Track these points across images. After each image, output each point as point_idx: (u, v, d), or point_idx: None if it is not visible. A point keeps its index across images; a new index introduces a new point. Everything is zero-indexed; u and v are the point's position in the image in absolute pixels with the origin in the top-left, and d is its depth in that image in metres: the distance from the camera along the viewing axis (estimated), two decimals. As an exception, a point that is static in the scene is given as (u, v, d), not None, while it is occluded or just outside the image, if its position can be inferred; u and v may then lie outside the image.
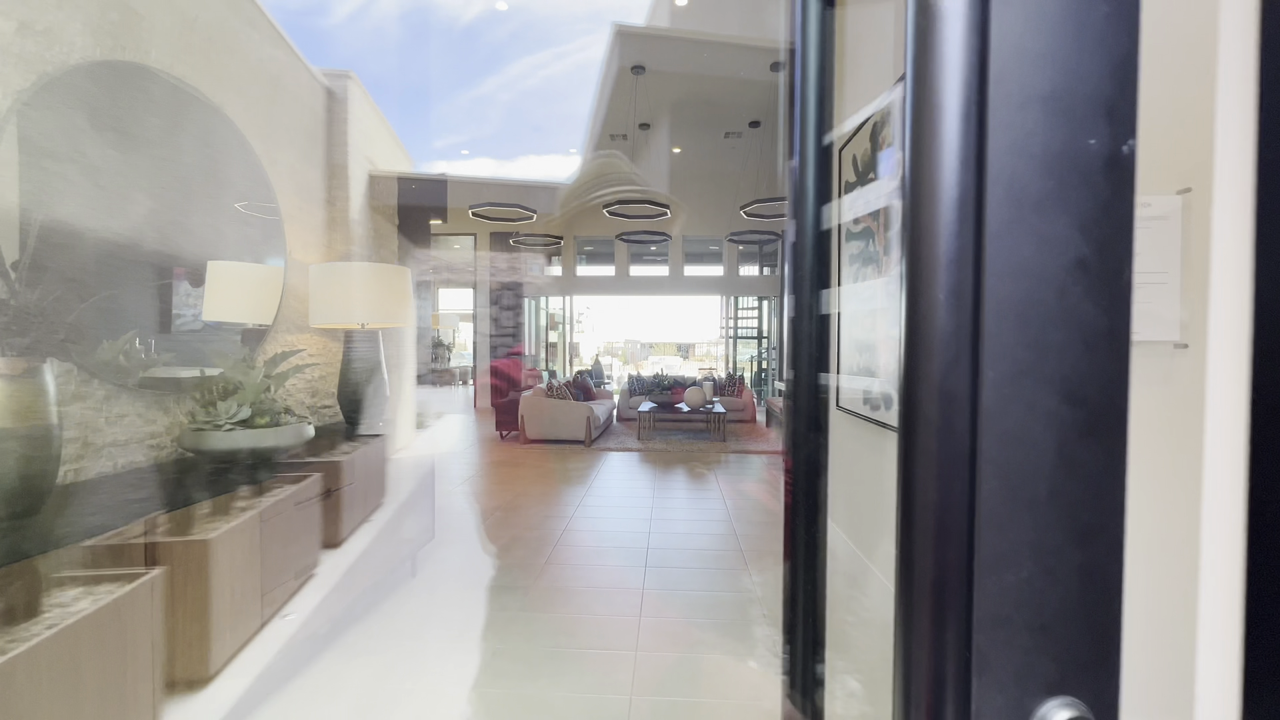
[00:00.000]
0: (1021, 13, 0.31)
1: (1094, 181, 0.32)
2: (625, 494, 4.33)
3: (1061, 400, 0.33)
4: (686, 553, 3.12)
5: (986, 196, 0.32)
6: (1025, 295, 0.32)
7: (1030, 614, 0.32)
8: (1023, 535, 0.32)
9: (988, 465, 0.32)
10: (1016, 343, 0.32)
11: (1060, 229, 0.32)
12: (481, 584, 2.67)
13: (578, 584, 2.68)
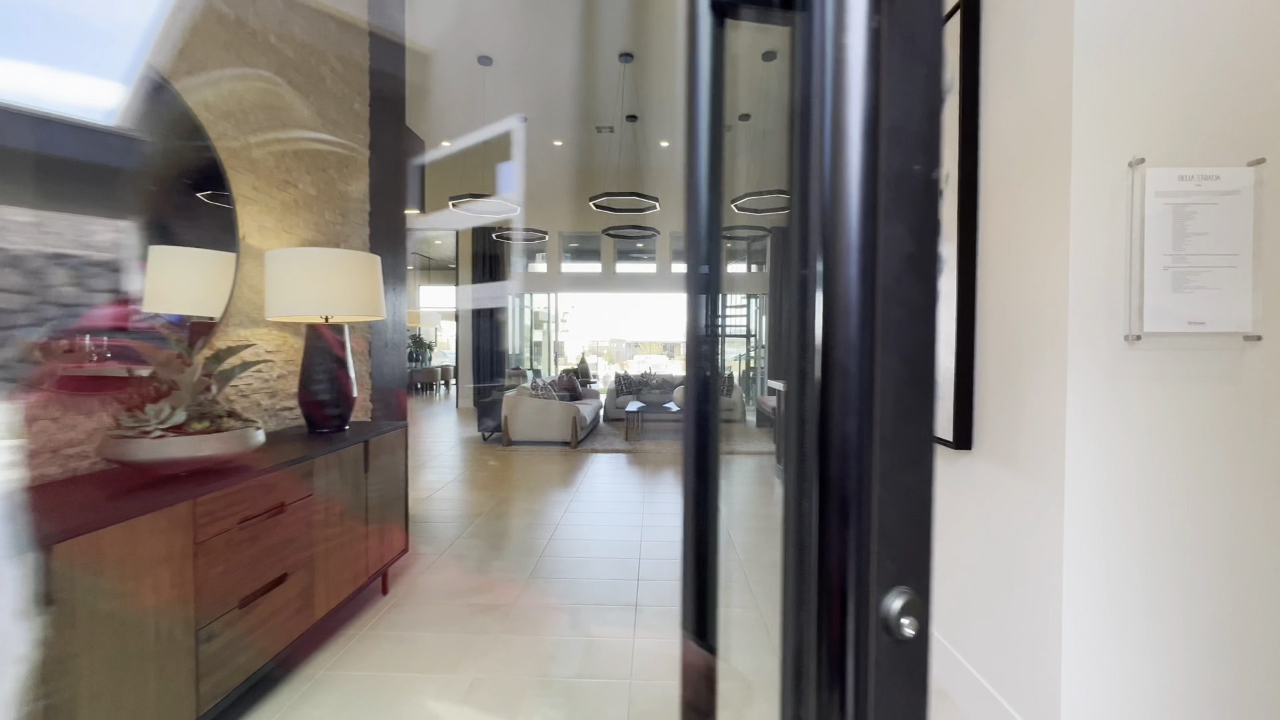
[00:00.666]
0: (876, 64, 0.39)
1: (918, 197, 0.41)
2: (614, 499, 4.12)
3: (899, 360, 0.41)
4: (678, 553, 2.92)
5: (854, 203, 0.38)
6: (879, 280, 0.39)
7: (880, 526, 0.41)
8: (876, 464, 0.40)
9: (857, 409, 0.39)
10: (876, 315, 0.39)
11: (898, 231, 0.41)
12: (459, 602, 2.44)
13: (565, 600, 2.47)
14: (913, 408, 0.42)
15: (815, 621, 0.40)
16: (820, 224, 0.39)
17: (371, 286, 2.36)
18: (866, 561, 0.39)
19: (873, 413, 0.39)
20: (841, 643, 0.39)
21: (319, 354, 2.28)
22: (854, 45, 0.38)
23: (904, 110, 0.41)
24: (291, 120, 2.50)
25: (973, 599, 1.72)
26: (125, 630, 1.24)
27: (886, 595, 0.41)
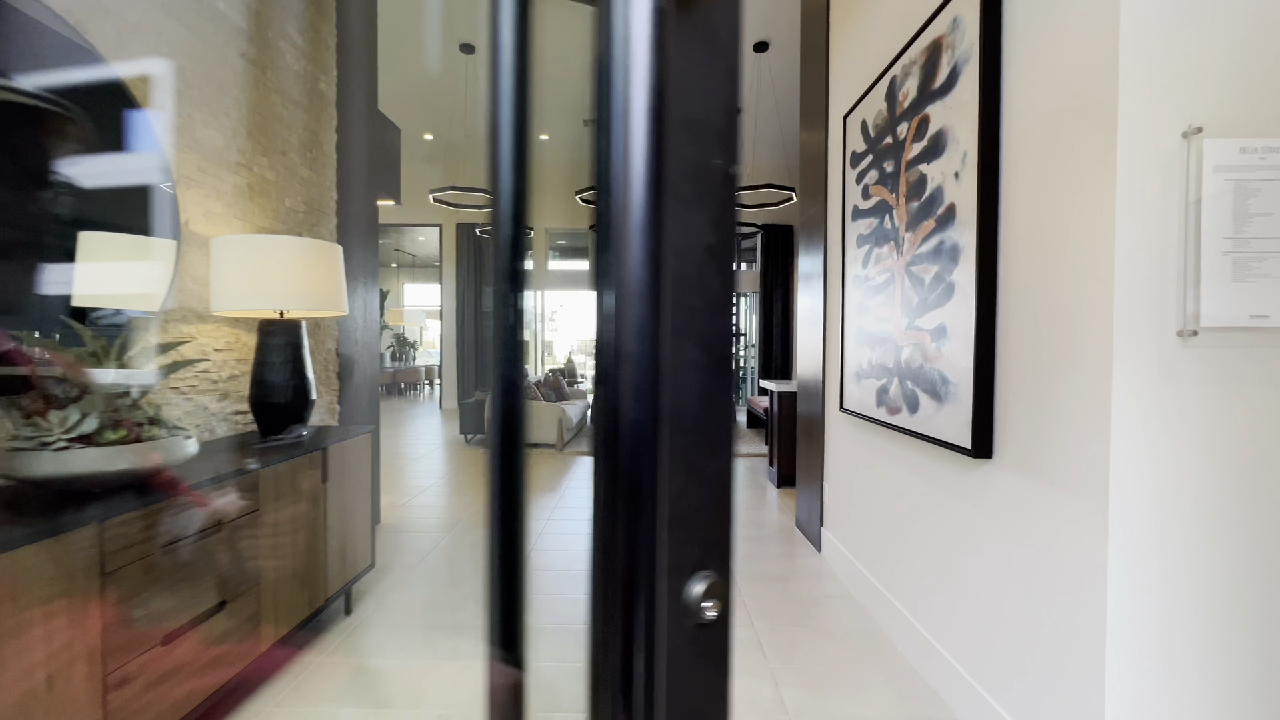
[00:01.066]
0: (675, 55, 0.39)
1: (717, 190, 0.42)
2: (600, 505, 3.93)
3: (699, 348, 0.41)
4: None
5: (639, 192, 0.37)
6: (679, 270, 0.40)
7: (682, 512, 0.41)
8: (681, 453, 0.41)
9: (662, 400, 0.37)
10: (678, 305, 0.40)
11: (699, 222, 0.41)
12: (429, 624, 2.24)
13: (543, 620, 2.28)
14: (713, 396, 0.43)
15: (614, 612, 0.38)
16: (609, 214, 0.38)
17: (332, 279, 2.15)
18: (660, 548, 0.38)
19: (659, 401, 0.37)
20: (633, 630, 0.37)
21: (273, 352, 2.07)
22: (639, 31, 0.37)
23: (704, 105, 0.42)
24: (244, 98, 2.28)
25: (990, 621, 1.55)
26: (2, 683, 1.03)
27: (689, 580, 0.41)
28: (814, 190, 3.17)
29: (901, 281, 2.00)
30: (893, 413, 2.06)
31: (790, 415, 4.35)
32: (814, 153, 3.15)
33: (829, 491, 2.94)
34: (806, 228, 3.32)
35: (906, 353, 1.95)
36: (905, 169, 1.98)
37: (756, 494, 4.27)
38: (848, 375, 2.56)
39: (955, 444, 1.64)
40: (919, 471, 1.95)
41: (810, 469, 3.21)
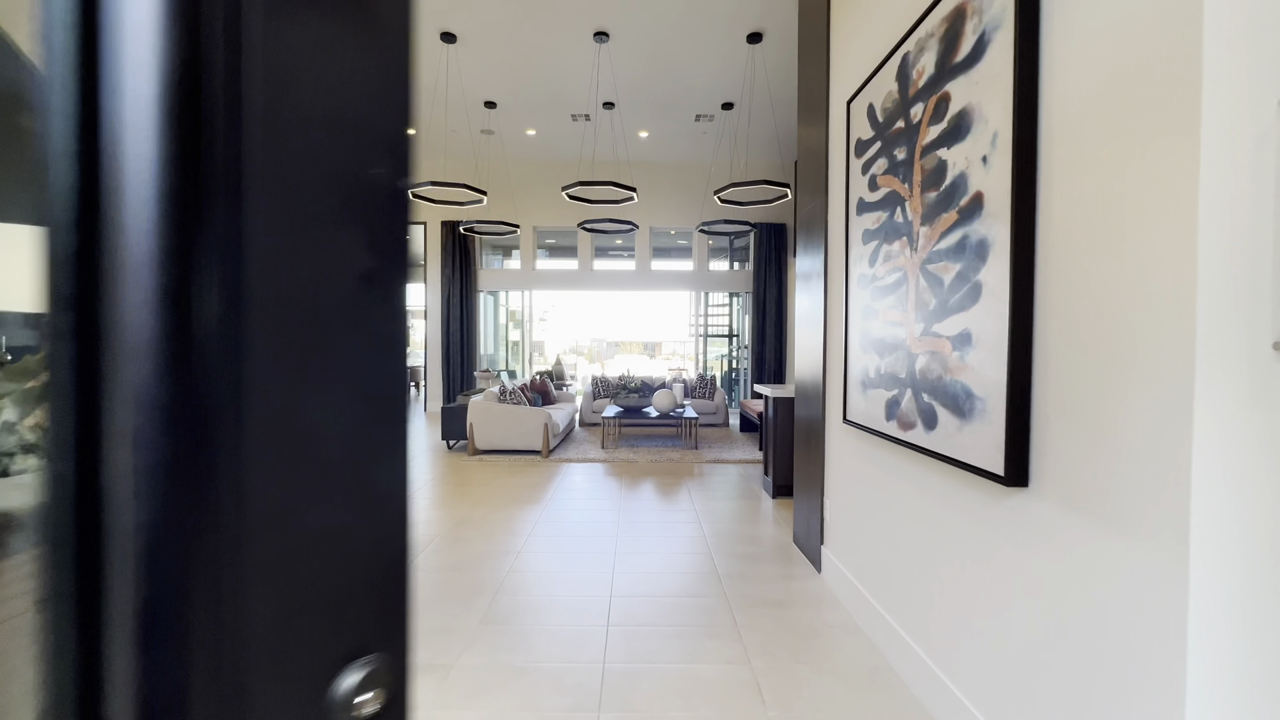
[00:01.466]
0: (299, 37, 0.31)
1: (378, 204, 0.34)
2: (585, 519, 3.71)
3: (351, 397, 0.34)
4: (659, 604, 2.52)
5: None
6: (312, 303, 0.32)
7: (332, 594, 0.33)
8: (320, 521, 0.32)
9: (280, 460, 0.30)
10: (308, 347, 0.32)
11: (349, 242, 0.33)
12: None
13: (518, 658, 2.05)
14: (377, 448, 0.36)
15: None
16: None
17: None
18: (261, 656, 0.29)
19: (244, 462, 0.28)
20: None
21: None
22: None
23: (358, 104, 0.34)
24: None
25: (1022, 680, 1.34)
26: None
27: (339, 674, 0.34)
28: (813, 185, 2.95)
29: (916, 281, 1.79)
30: (905, 428, 1.85)
31: (787, 422, 4.14)
32: (813, 144, 2.94)
33: (830, 508, 2.73)
34: (805, 224, 3.10)
35: (922, 362, 1.74)
36: (920, 155, 1.76)
37: (750, 504, 4.06)
38: (852, 384, 2.34)
39: (983, 468, 1.42)
40: (936, 496, 1.73)
41: (809, 482, 2.99)
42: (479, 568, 2.88)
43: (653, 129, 7.59)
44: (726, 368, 10.28)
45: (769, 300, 9.00)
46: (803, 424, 3.14)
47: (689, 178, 8.93)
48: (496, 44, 5.45)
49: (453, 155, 8.47)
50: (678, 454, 5.78)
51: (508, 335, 11.33)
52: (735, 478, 4.87)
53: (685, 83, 6.21)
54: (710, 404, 7.64)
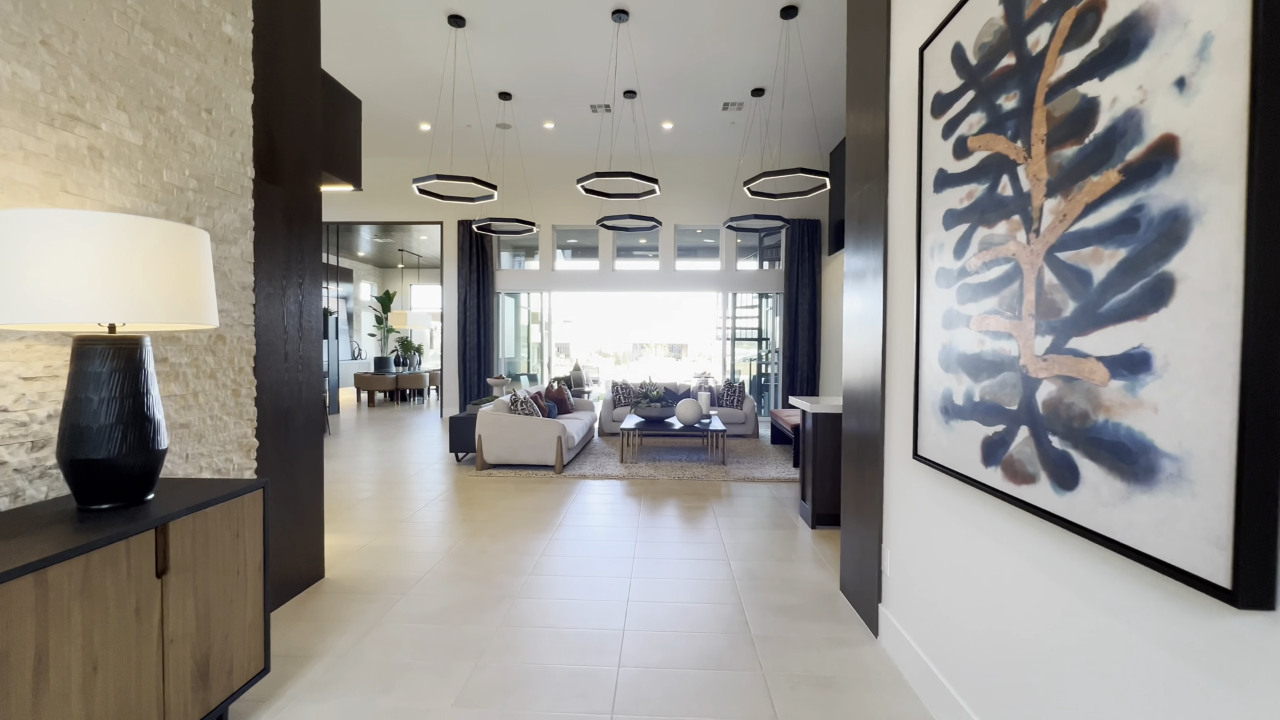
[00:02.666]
0: None
1: None
2: (596, 554, 3.24)
3: None
4: (678, 680, 2.03)
5: None
6: None
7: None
8: None
9: None
10: None
11: None
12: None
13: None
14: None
15: None
16: None
17: (191, 278, 1.49)
18: None
19: None
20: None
21: (90, 385, 1.42)
22: None
23: None
24: (84, 28, 1.64)
25: None
26: None
27: None
28: (866, 166, 2.44)
29: (1037, 276, 1.27)
30: (1018, 481, 1.33)
31: (830, 442, 3.61)
32: (867, 116, 2.42)
33: (892, 559, 2.20)
34: (857, 213, 2.58)
35: (1050, 391, 1.22)
36: (1047, 96, 1.24)
37: (785, 536, 3.54)
38: (926, 410, 1.82)
39: (1183, 568, 0.91)
40: (1079, 587, 1.21)
41: (862, 520, 2.47)
42: (466, 619, 2.43)
43: (677, 120, 7.10)
44: (755, 372, 9.71)
45: (801, 301, 8.42)
46: (853, 444, 2.62)
47: (716, 172, 8.41)
48: (509, 26, 5.03)
49: (463, 152, 8.11)
50: (703, 470, 5.27)
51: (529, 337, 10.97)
52: (767, 500, 4.35)
53: (712, 66, 5.70)
54: (739, 413, 7.11)
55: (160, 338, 1.90)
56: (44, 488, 1.56)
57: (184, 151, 1.99)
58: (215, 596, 1.58)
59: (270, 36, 2.50)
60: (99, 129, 1.69)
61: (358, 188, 3.56)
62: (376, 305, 13.33)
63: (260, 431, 2.42)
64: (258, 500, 1.74)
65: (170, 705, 1.42)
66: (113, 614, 1.28)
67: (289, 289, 2.63)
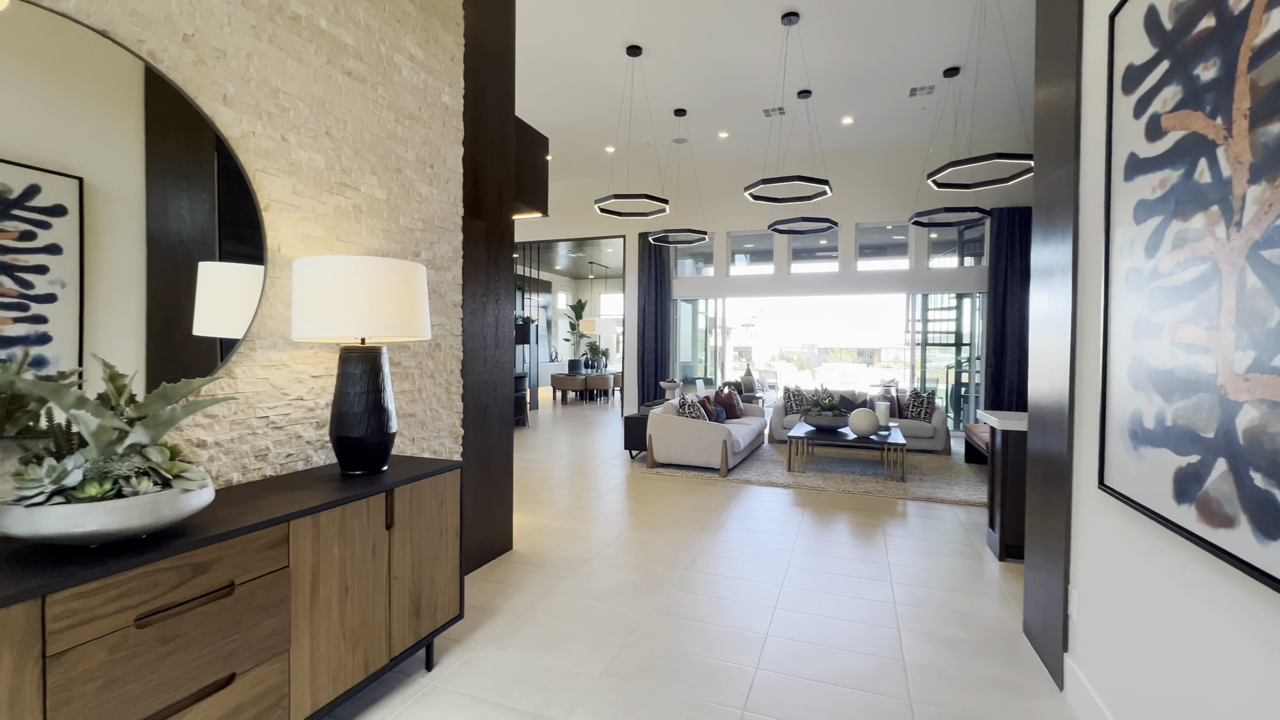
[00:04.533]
0: None
1: None
2: (753, 553, 3.28)
3: None
4: (816, 671, 2.02)
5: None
6: None
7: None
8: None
9: None
10: None
11: None
12: (499, 702, 1.90)
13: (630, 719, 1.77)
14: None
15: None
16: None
17: (409, 302, 1.94)
18: None
19: None
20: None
21: (350, 382, 1.93)
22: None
23: None
24: (349, 117, 2.22)
25: None
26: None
27: None
28: (1056, 149, 2.14)
29: (1238, 278, 1.06)
30: (1215, 523, 1.11)
31: (1020, 462, 3.18)
32: (1056, 91, 2.13)
33: (1079, 601, 1.91)
34: (1045, 204, 2.28)
35: (1253, 416, 1.01)
36: (1250, 62, 1.03)
37: (965, 565, 3.19)
38: (1112, 432, 1.57)
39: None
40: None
41: (1046, 551, 2.17)
42: (622, 601, 2.68)
43: (858, 113, 6.74)
44: (953, 380, 8.70)
45: (1011, 301, 7.35)
46: (1038, 466, 2.30)
47: (902, 163, 7.76)
48: (682, 48, 5.30)
49: (640, 169, 8.64)
50: (877, 485, 4.94)
51: (706, 342, 11.24)
52: (950, 524, 3.94)
53: (896, 51, 5.33)
54: (925, 426, 6.48)
55: (395, 346, 2.46)
56: (324, 456, 2.15)
57: (414, 200, 2.55)
58: (425, 550, 2.01)
59: (476, 99, 3.05)
60: (359, 190, 2.27)
61: (545, 214, 4.09)
62: (570, 313, 14.78)
63: (465, 423, 2.96)
64: (456, 478, 2.16)
65: (394, 628, 1.87)
66: (358, 551, 1.73)
67: (488, 304, 3.16)
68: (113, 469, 1.22)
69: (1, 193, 1.31)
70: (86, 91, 1.45)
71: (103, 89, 1.49)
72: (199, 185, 1.72)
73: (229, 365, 1.81)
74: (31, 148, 1.36)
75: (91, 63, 1.46)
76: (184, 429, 1.69)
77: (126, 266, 1.55)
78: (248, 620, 1.41)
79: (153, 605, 1.22)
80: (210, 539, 1.33)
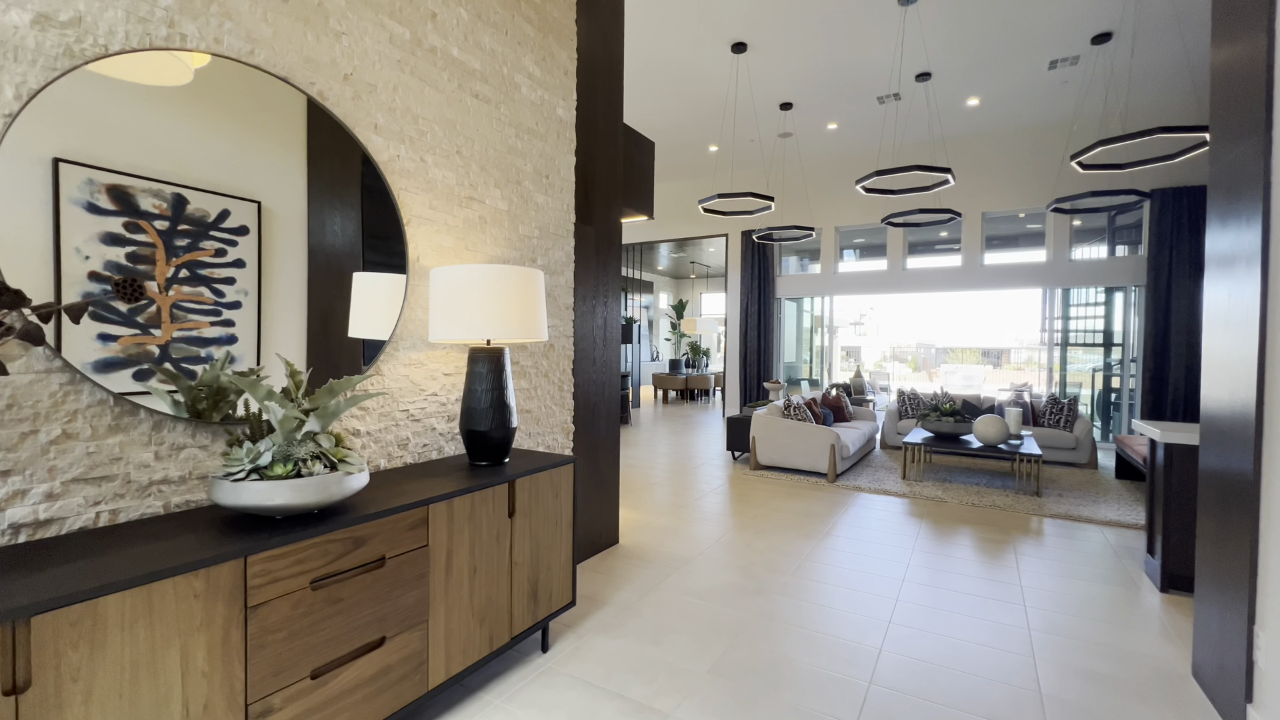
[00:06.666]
0: None
1: None
2: (864, 563, 3.14)
3: None
4: (936, 693, 1.91)
5: None
6: None
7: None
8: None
9: None
10: None
11: None
12: (610, 689, 1.98)
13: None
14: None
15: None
16: None
17: (528, 306, 2.08)
18: None
19: None
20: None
21: (477, 380, 2.10)
22: None
23: None
24: (477, 136, 2.41)
25: None
26: (137, 708, 1.10)
27: None
28: (1238, 120, 1.85)
29: None
30: None
31: (1189, 481, 2.78)
32: (1238, 53, 1.84)
33: (1267, 644, 1.64)
34: (1224, 183, 1.98)
35: None
36: None
37: (1117, 594, 2.84)
38: (1319, 449, 1.33)
39: None
40: None
41: (1221, 584, 1.88)
42: (726, 602, 2.68)
43: (986, 93, 6.19)
44: (1101, 385, 7.73)
45: (1176, 295, 6.40)
46: (1213, 485, 2.00)
47: (1038, 144, 7.02)
48: (789, 40, 5.18)
49: (745, 165, 8.50)
50: (1007, 499, 4.52)
51: (812, 342, 10.86)
52: (1097, 547, 3.52)
53: (1031, 20, 4.84)
54: (1067, 436, 5.81)
55: (515, 347, 2.64)
56: (454, 447, 2.35)
57: (531, 210, 2.72)
58: (542, 538, 2.14)
59: (587, 110, 3.18)
60: (484, 203, 2.46)
61: (650, 217, 4.17)
62: (671, 313, 14.90)
63: (576, 419, 3.10)
64: (569, 472, 2.28)
65: (514, 610, 2.01)
66: (485, 536, 1.89)
67: (597, 307, 3.29)
68: (294, 452, 1.43)
69: (201, 217, 1.58)
70: (264, 128, 1.71)
71: (277, 125, 1.74)
72: (349, 204, 1.95)
73: (378, 364, 2.04)
74: (222, 177, 1.62)
75: (270, 103, 1.72)
76: (343, 419, 1.93)
77: (292, 276, 1.80)
78: (395, 591, 1.59)
79: (324, 571, 1.42)
80: (368, 516, 1.52)
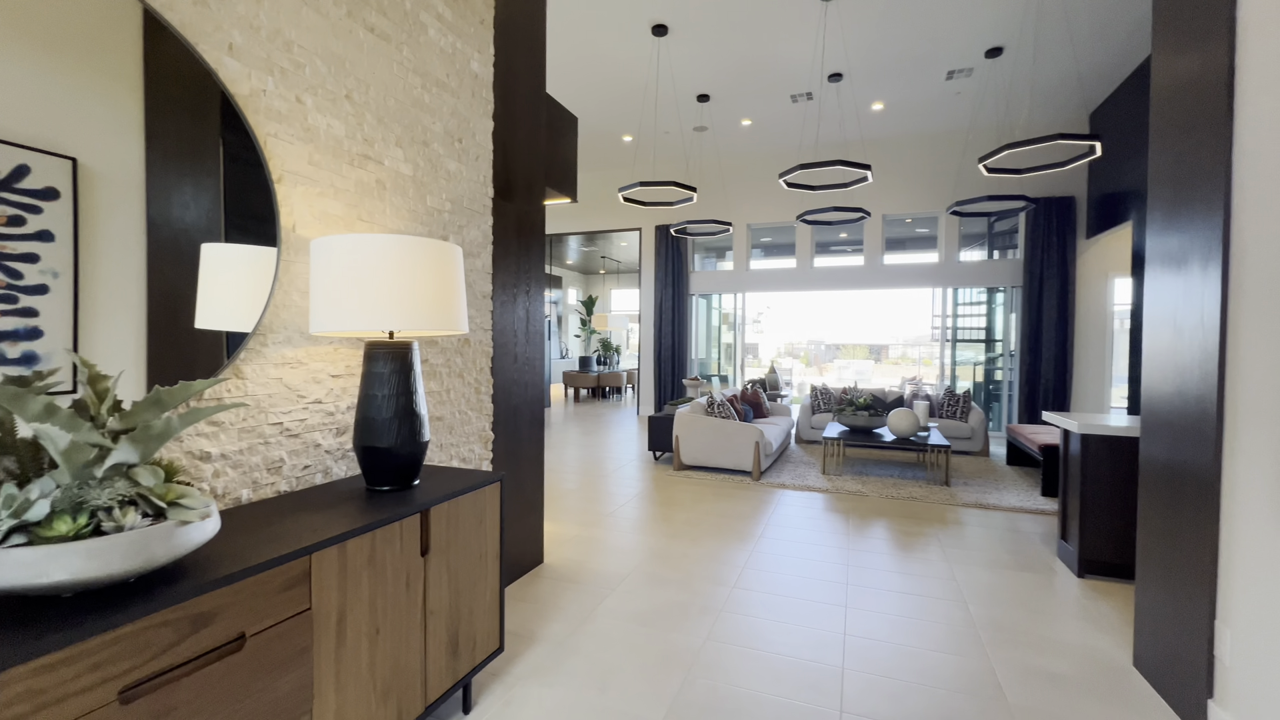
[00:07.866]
0: None
1: None
2: (804, 568, 3.00)
3: None
4: (911, 715, 1.74)
5: None
6: None
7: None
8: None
9: None
10: None
11: None
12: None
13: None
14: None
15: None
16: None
17: (445, 289, 1.66)
18: None
19: None
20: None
21: (375, 384, 1.65)
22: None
23: None
24: (373, 79, 1.94)
25: None
26: None
27: None
28: (1184, 120, 1.85)
29: None
30: None
31: (1113, 472, 2.89)
32: (1189, 57, 1.83)
33: (1234, 641, 1.62)
34: (1168, 179, 1.98)
35: None
36: None
37: (1039, 581, 2.90)
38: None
39: None
40: None
41: (1174, 579, 1.88)
42: (672, 626, 2.41)
43: (889, 98, 6.42)
44: (980, 379, 8.39)
45: (1047, 296, 7.03)
46: (1159, 476, 2.02)
47: (936, 152, 7.44)
48: (709, 28, 5.00)
49: (662, 160, 8.34)
50: (921, 490, 4.65)
51: (720, 339, 10.94)
52: (1007, 534, 3.65)
53: (935, 30, 5.02)
54: (963, 426, 6.18)
55: (422, 341, 2.19)
56: (344, 468, 1.88)
57: (441, 178, 2.27)
58: (463, 577, 1.74)
59: (506, 68, 2.76)
60: (383, 164, 1.99)
61: (574, 199, 3.81)
62: (581, 309, 14.50)
63: (495, 425, 2.69)
64: (496, 492, 1.89)
65: (429, 671, 1.60)
66: (390, 585, 1.46)
67: (519, 296, 2.89)
68: (89, 498, 0.95)
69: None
70: (80, 55, 1.18)
71: (99, 51, 1.21)
72: (205, 163, 1.45)
73: (236, 364, 1.54)
74: (10, 122, 1.10)
75: (89, 15, 1.19)
76: (184, 439, 1.42)
77: (125, 254, 1.28)
78: (262, 679, 1.14)
79: (142, 672, 0.95)
80: (216, 582, 1.06)
